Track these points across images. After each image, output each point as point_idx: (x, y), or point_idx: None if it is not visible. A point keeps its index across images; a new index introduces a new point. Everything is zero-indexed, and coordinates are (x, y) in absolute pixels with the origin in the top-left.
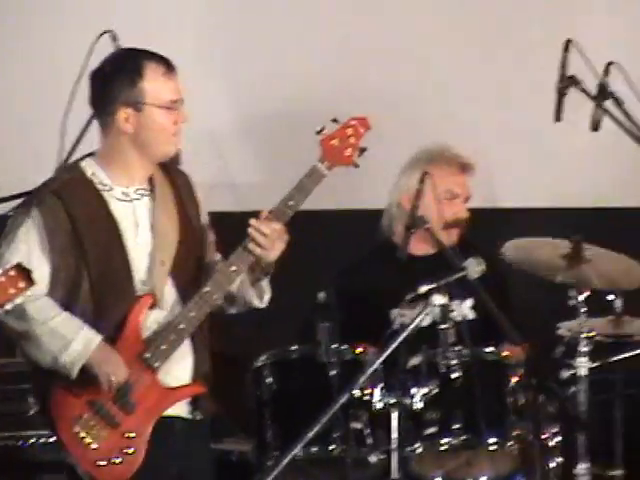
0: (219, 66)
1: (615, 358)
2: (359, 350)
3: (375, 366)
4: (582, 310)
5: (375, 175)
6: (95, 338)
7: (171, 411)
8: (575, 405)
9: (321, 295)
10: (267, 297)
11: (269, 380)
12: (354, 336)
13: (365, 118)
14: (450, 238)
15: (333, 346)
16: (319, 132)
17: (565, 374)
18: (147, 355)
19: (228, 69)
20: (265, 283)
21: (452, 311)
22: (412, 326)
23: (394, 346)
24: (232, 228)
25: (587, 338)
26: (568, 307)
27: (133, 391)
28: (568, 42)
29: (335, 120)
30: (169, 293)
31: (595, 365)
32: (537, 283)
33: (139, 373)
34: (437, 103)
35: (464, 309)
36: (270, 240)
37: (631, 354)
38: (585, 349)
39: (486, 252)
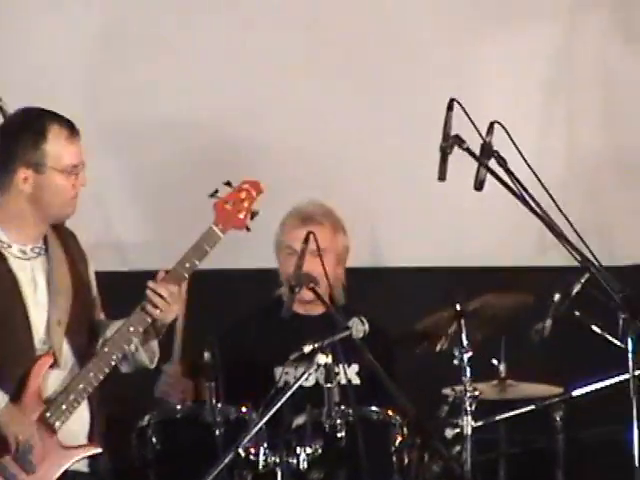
0: (106, 124)
1: (499, 417)
2: (244, 409)
3: (259, 425)
4: (467, 370)
5: (264, 234)
6: (2, 398)
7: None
8: (460, 464)
9: (206, 354)
10: (156, 358)
11: (154, 440)
12: (239, 395)
13: (258, 182)
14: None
15: (218, 405)
16: (212, 195)
17: (450, 433)
18: (48, 415)
19: (115, 127)
20: (155, 344)
21: (337, 373)
22: (296, 385)
23: (278, 405)
24: (117, 287)
25: (471, 397)
26: (452, 368)
27: (34, 451)
28: (452, 101)
29: (228, 183)
30: (66, 352)
31: (479, 424)
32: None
33: (40, 433)
34: (323, 161)
35: (349, 374)
36: (167, 302)
37: (514, 413)
38: (469, 408)
39: (371, 314)
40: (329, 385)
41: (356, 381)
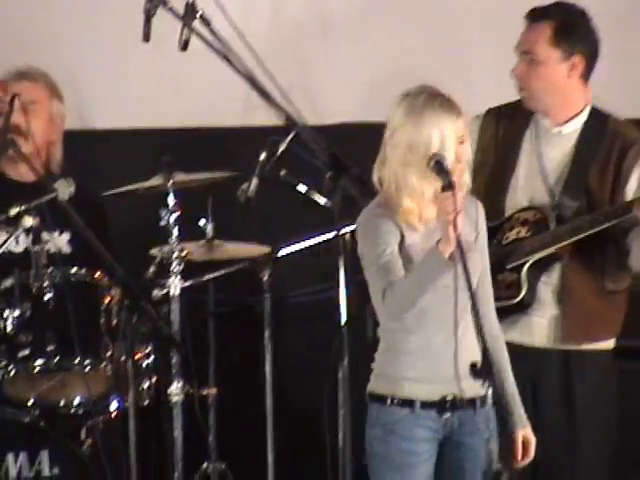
0: None
1: (207, 277)
2: None
3: None
4: (173, 231)
5: None
6: None
7: None
8: (168, 325)
9: None
10: None
11: None
12: None
13: (4, 82)
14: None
15: None
16: None
17: (158, 294)
18: None
19: None
20: None
21: (47, 241)
22: (2, 248)
23: None
24: None
25: (179, 258)
26: (159, 229)
27: None
28: None
29: None
30: None
31: (187, 285)
32: (129, 206)
33: None
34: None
35: (60, 242)
36: None
37: (222, 272)
38: (177, 269)
39: (81, 181)
40: (36, 248)
41: (66, 250)
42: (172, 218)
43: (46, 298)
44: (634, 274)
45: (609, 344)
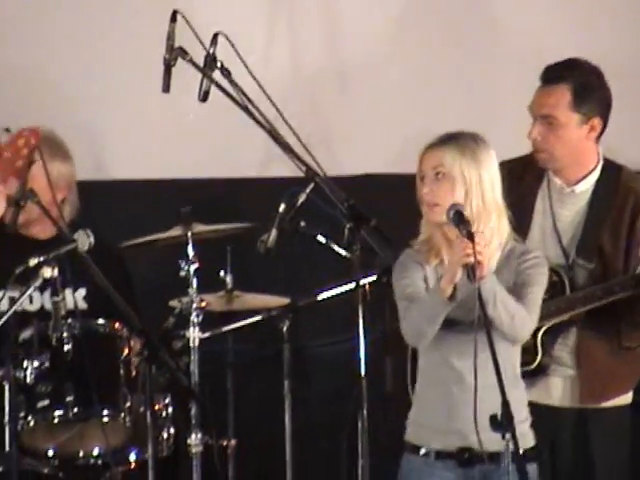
0: None
1: (226, 328)
2: None
3: None
4: (193, 282)
5: None
6: None
7: None
8: (187, 376)
9: None
10: None
11: None
12: None
13: (37, 129)
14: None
15: None
16: None
17: (177, 345)
18: None
19: None
20: None
21: (64, 298)
22: (22, 299)
23: (2, 321)
24: None
25: (198, 309)
26: (179, 280)
27: None
28: (175, 13)
29: (8, 129)
30: None
31: (206, 336)
32: (148, 257)
33: None
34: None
35: (76, 298)
36: None
37: (241, 324)
38: (196, 320)
39: (100, 231)
40: (55, 299)
41: (83, 305)
42: (191, 269)
43: (65, 349)
44: None
45: (627, 398)
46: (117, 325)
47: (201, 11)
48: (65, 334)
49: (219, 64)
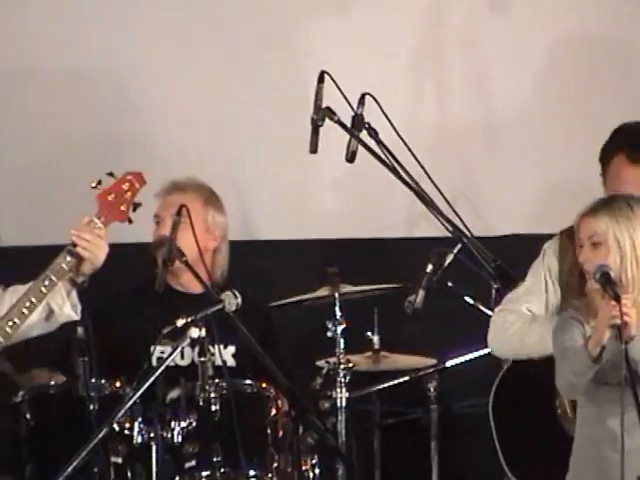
0: None
1: (373, 389)
2: (117, 384)
3: (134, 399)
4: (340, 342)
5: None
6: None
7: None
8: (334, 436)
9: (79, 330)
10: (79, 309)
11: (27, 416)
12: (115, 372)
13: (140, 173)
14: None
15: (92, 381)
16: (95, 186)
17: (324, 405)
18: None
19: None
20: (75, 295)
21: (212, 353)
22: (170, 358)
23: (152, 379)
24: None
25: (345, 369)
26: (326, 340)
27: None
28: (322, 73)
29: (111, 174)
30: None
31: (353, 396)
32: (295, 317)
33: None
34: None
35: (225, 355)
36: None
37: (388, 384)
38: (343, 380)
39: (248, 289)
40: (202, 359)
41: (231, 363)
42: (339, 329)
43: (213, 409)
44: None
45: None
46: (264, 385)
47: (348, 72)
48: (213, 394)
49: (367, 124)
